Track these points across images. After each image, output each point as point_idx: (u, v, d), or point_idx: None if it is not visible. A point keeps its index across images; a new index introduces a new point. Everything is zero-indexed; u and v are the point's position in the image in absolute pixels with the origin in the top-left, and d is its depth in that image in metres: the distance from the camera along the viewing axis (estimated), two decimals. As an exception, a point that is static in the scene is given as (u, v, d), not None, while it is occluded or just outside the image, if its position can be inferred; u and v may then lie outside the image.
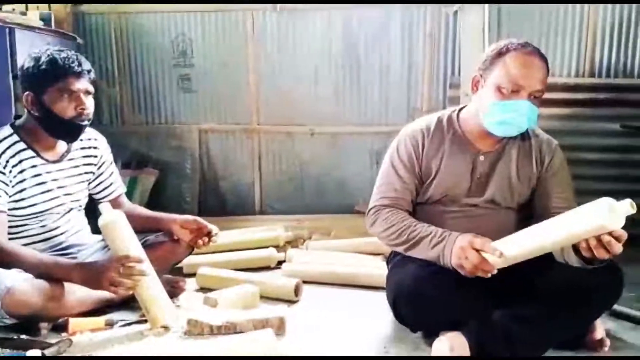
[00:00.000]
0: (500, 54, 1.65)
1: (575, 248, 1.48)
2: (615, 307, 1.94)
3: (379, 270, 2.24)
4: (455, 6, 3.09)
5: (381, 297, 1.85)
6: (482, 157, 1.77)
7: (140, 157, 3.46)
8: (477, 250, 1.51)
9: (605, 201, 1.32)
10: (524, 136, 1.80)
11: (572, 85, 3.17)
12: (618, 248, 1.35)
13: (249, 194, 3.55)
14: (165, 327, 1.81)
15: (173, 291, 2.14)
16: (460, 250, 1.53)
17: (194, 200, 3.50)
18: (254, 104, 3.45)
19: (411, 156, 1.79)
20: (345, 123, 3.43)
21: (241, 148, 3.52)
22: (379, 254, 2.59)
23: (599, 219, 1.32)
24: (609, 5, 3.11)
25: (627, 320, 1.97)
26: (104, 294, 1.87)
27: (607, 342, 1.70)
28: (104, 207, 1.85)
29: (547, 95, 3.07)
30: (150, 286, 1.81)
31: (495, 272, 1.51)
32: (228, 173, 3.55)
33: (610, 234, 1.34)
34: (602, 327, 1.73)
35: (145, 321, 1.84)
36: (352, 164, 3.46)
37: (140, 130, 3.53)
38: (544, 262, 1.60)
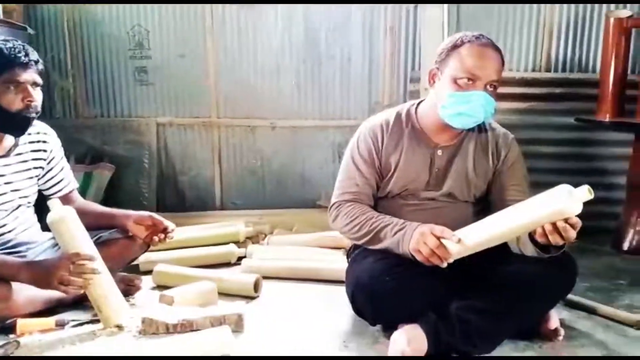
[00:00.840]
0: (455, 46, 1.67)
1: (531, 237, 1.50)
2: (570, 296, 1.99)
3: (339, 264, 2.23)
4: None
5: (341, 291, 1.85)
6: (439, 152, 1.78)
7: (95, 151, 3.35)
8: (437, 238, 1.52)
9: (564, 187, 1.37)
10: (481, 130, 1.82)
11: (529, 79, 3.23)
12: (572, 234, 1.38)
13: (208, 189, 3.49)
14: (119, 327, 1.77)
15: (128, 289, 2.10)
16: (419, 235, 1.55)
17: (152, 196, 3.41)
18: (213, 97, 3.39)
19: (371, 151, 1.80)
20: (306, 117, 3.40)
21: (200, 142, 3.45)
22: (339, 248, 2.59)
23: (558, 204, 1.36)
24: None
25: (581, 309, 2.02)
26: (54, 294, 1.81)
27: (562, 331, 1.75)
28: (54, 203, 1.80)
29: (505, 90, 3.17)
30: (102, 285, 1.76)
31: (451, 260, 1.52)
32: (187, 168, 3.48)
33: (565, 220, 1.37)
34: (556, 316, 1.77)
35: (98, 321, 1.80)
36: (314, 158, 3.44)
37: (95, 124, 3.42)
38: (500, 254, 1.63)
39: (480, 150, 1.80)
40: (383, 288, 1.60)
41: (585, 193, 1.36)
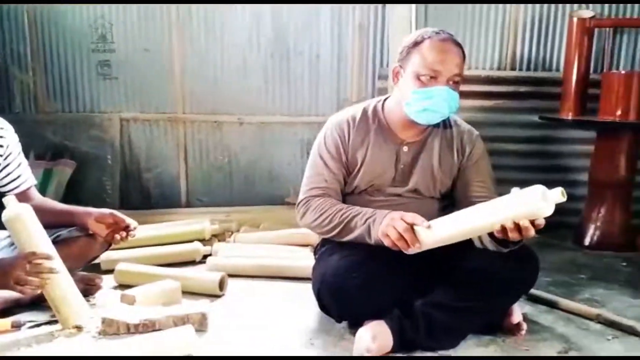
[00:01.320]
0: (416, 43, 1.68)
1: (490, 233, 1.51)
2: (532, 291, 2.03)
3: (306, 261, 2.22)
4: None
5: (308, 289, 1.83)
6: (405, 148, 1.79)
7: (56, 147, 3.26)
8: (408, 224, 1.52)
9: (538, 188, 1.37)
10: (446, 126, 1.83)
11: (494, 78, 3.27)
12: (532, 233, 1.40)
13: (174, 186, 3.43)
14: (78, 328, 1.73)
15: (88, 289, 2.06)
16: (390, 219, 1.54)
17: (116, 194, 3.34)
18: (179, 92, 3.33)
19: (338, 146, 1.79)
20: (274, 113, 3.37)
21: (166, 138, 3.39)
22: (307, 245, 2.58)
23: (533, 205, 1.37)
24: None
25: (543, 303, 2.05)
26: (10, 294, 1.76)
27: (524, 325, 1.77)
28: (9, 200, 1.73)
29: (471, 88, 3.21)
30: (60, 284, 1.71)
31: (417, 249, 1.51)
32: (152, 164, 3.41)
33: (532, 220, 1.38)
34: (519, 311, 1.80)
35: (56, 322, 1.75)
36: (282, 154, 3.42)
37: (56, 119, 3.32)
38: (464, 250, 1.64)
39: (446, 147, 1.81)
40: (349, 285, 1.59)
41: (558, 195, 1.37)
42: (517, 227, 1.39)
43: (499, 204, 1.44)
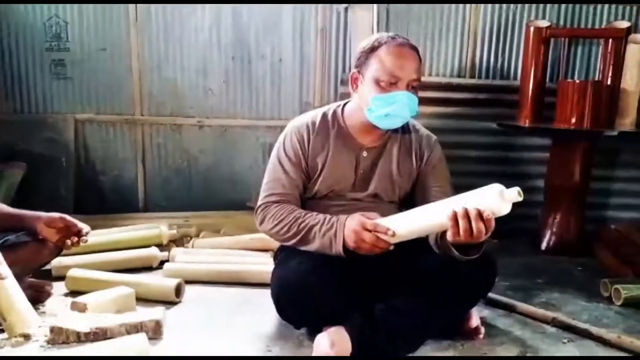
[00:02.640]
0: (373, 49, 1.68)
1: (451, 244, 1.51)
2: (490, 295, 2.05)
3: (265, 266, 2.19)
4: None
5: (267, 295, 1.80)
6: (365, 153, 1.79)
7: (7, 149, 3.12)
8: (370, 230, 1.53)
9: (496, 187, 1.40)
10: (405, 132, 1.84)
11: (454, 85, 3.31)
12: (481, 227, 1.39)
13: (131, 191, 3.33)
14: (25, 336, 1.66)
15: (37, 296, 1.98)
16: (354, 234, 1.54)
17: (70, 197, 3.22)
18: (137, 93, 3.24)
19: (297, 151, 1.78)
20: (236, 116, 3.32)
21: (123, 140, 3.29)
22: (268, 250, 2.54)
23: (490, 203, 1.38)
24: (489, 10, 3.28)
25: (501, 307, 2.08)
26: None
27: (482, 329, 1.79)
28: (-50, 204, 1.65)
29: (431, 94, 3.24)
30: (7, 291, 1.65)
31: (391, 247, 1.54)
32: (108, 168, 3.31)
33: (482, 218, 1.38)
34: (477, 315, 1.82)
35: (2, 330, 1.67)
36: (243, 158, 3.37)
37: (7, 120, 3.17)
38: (423, 254, 1.64)
39: (405, 152, 1.82)
40: (308, 290, 1.58)
41: (515, 195, 1.39)
42: (468, 217, 1.39)
43: (458, 200, 1.45)
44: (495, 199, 1.38)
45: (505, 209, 1.39)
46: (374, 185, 1.78)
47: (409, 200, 1.84)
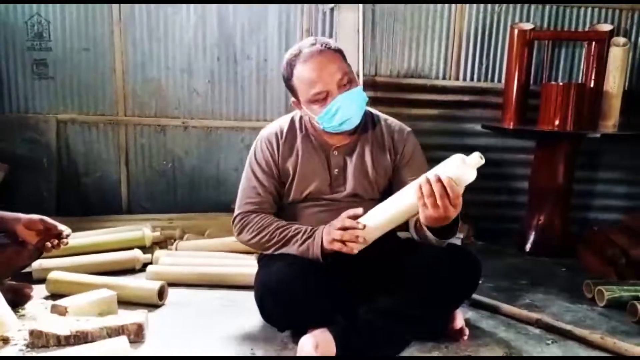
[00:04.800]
0: (291, 74, 1.68)
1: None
2: (474, 296, 2.05)
3: (249, 268, 2.17)
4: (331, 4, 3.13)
5: (251, 297, 1.78)
6: (335, 152, 1.78)
7: (-14, 149, 3.08)
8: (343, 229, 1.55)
9: (457, 156, 1.41)
10: (376, 127, 1.82)
11: (439, 87, 3.33)
12: (447, 204, 1.38)
13: (114, 192, 3.29)
14: (4, 340, 1.65)
15: (17, 299, 1.95)
16: (326, 235, 1.58)
17: (52, 199, 3.17)
18: (120, 93, 3.20)
19: (268, 160, 1.79)
20: (221, 117, 3.30)
21: (106, 141, 3.25)
22: (252, 253, 2.52)
23: (453, 171, 1.39)
24: (474, 13, 3.30)
25: (485, 309, 2.08)
26: None
27: (466, 331, 1.80)
28: None
29: (417, 96, 3.26)
30: (-16, 294, 1.61)
31: (364, 243, 1.54)
32: (91, 169, 3.26)
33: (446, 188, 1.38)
34: (461, 316, 1.82)
35: (-20, 334, 1.64)
36: (228, 159, 3.35)
37: (-13, 120, 3.14)
38: (407, 254, 1.64)
39: (377, 148, 1.80)
40: (292, 291, 1.57)
41: (476, 159, 1.40)
42: (429, 184, 1.39)
43: (420, 181, 1.45)
44: (457, 166, 1.39)
45: (470, 175, 1.40)
46: (350, 184, 1.77)
47: (390, 195, 1.83)
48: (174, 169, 3.33)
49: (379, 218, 1.54)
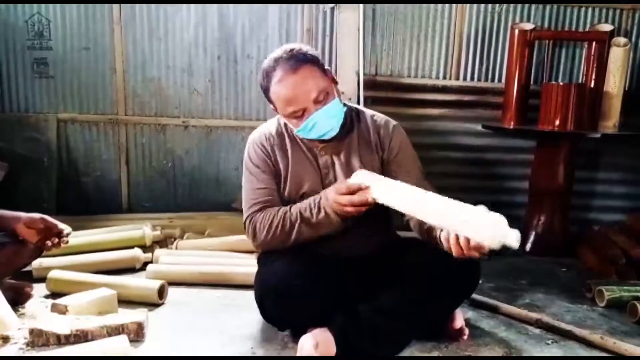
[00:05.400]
0: (267, 89, 1.66)
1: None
2: (474, 296, 2.05)
3: (249, 268, 2.17)
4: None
5: (251, 296, 1.78)
6: (322, 152, 1.77)
7: (-13, 148, 3.08)
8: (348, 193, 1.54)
9: (502, 227, 1.29)
10: (361, 124, 1.81)
11: (439, 87, 3.32)
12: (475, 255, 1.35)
13: (115, 191, 3.29)
14: (4, 338, 1.65)
15: (18, 298, 1.96)
16: (337, 205, 1.55)
17: (52, 198, 3.17)
18: (121, 92, 3.20)
19: (264, 160, 1.77)
20: (221, 116, 3.30)
21: (106, 141, 3.25)
22: (252, 252, 2.52)
23: (487, 239, 1.28)
24: (475, 13, 3.30)
25: (485, 309, 2.08)
26: None
27: (466, 330, 1.80)
28: None
29: (417, 96, 3.25)
30: (-16, 293, 1.61)
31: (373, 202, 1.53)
32: (91, 168, 3.26)
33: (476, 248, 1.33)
34: (461, 316, 1.82)
35: (-20, 333, 1.64)
36: (229, 159, 3.35)
37: (-12, 119, 3.14)
38: (406, 253, 1.64)
39: (364, 145, 1.78)
40: (292, 290, 1.56)
41: (514, 242, 1.29)
42: (460, 247, 1.34)
43: (456, 213, 1.36)
44: (495, 239, 1.28)
45: (496, 247, 1.29)
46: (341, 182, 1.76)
47: None
48: (174, 168, 3.33)
49: (386, 201, 1.50)
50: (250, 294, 1.80)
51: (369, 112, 1.85)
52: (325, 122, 1.63)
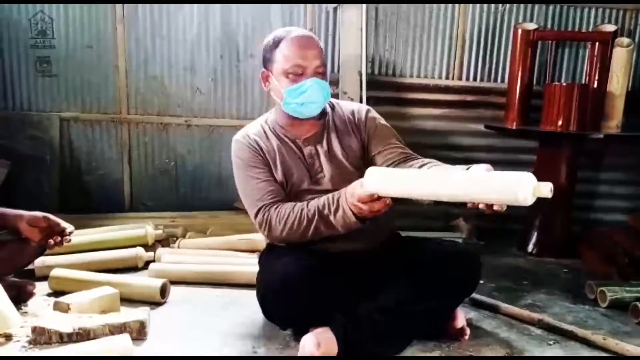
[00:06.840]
0: (275, 44, 1.72)
1: None
2: (476, 296, 2.05)
3: (251, 267, 2.17)
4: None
5: (253, 296, 1.79)
6: (304, 144, 1.80)
7: (-10, 146, 3.08)
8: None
9: (531, 180, 1.24)
10: (336, 112, 1.86)
11: (442, 87, 3.33)
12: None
13: (117, 190, 3.30)
14: (7, 336, 1.65)
15: (20, 296, 1.95)
16: (355, 207, 1.54)
17: (54, 196, 3.18)
18: (123, 91, 3.21)
19: (256, 156, 1.78)
20: (224, 115, 3.31)
21: (109, 139, 3.26)
22: (254, 251, 2.53)
23: (519, 195, 1.23)
24: (477, 13, 3.30)
25: (487, 309, 2.08)
26: None
27: (468, 330, 1.79)
28: None
29: (420, 96, 3.25)
30: (-13, 291, 1.61)
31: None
32: (94, 167, 3.27)
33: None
34: (463, 316, 1.81)
35: (-16, 330, 1.64)
36: (231, 158, 3.34)
37: (-9, 117, 3.14)
38: (407, 251, 1.64)
39: (343, 132, 1.83)
40: (293, 291, 1.56)
41: (548, 193, 1.24)
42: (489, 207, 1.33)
43: (482, 181, 1.33)
44: (527, 194, 1.22)
45: (529, 202, 1.24)
46: (328, 171, 1.78)
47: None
48: (176, 167, 3.34)
49: (401, 194, 1.47)
50: (252, 293, 1.80)
51: (341, 102, 1.92)
52: (317, 92, 1.69)
